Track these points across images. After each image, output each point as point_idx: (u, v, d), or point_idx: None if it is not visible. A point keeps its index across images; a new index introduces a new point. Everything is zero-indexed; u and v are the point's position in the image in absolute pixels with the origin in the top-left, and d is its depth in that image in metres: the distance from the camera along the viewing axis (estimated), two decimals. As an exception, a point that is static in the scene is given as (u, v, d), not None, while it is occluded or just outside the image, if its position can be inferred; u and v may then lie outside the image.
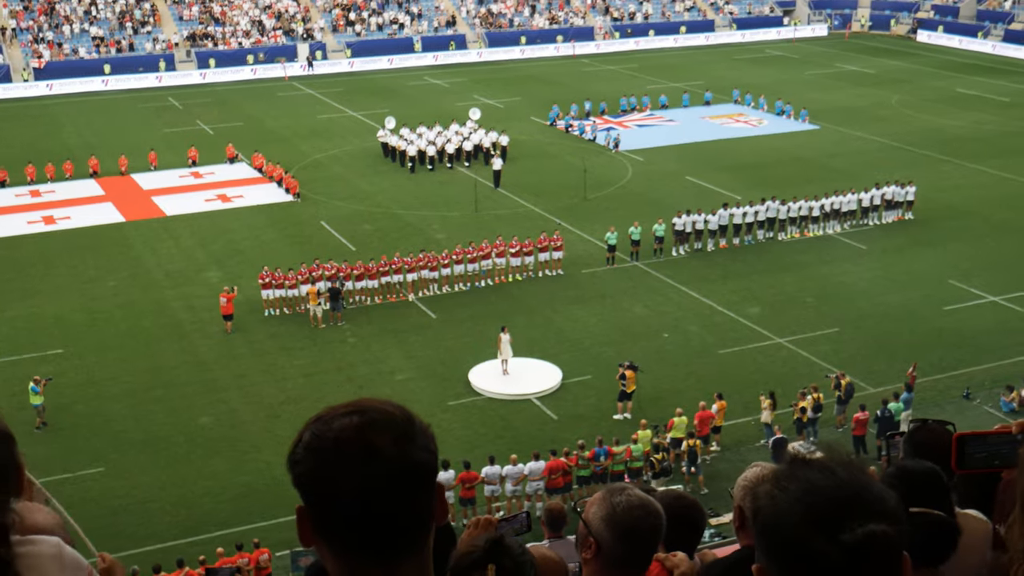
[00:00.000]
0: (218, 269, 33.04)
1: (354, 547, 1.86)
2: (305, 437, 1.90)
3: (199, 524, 20.42)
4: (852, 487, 1.78)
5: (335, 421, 1.88)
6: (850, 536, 1.72)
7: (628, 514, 3.26)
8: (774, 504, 1.80)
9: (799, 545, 1.74)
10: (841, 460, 1.84)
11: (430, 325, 28.99)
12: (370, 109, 53.61)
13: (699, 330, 28.59)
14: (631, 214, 35.31)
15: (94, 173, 43.30)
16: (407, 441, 1.88)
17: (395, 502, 1.85)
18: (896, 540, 1.75)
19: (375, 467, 1.83)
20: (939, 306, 29.75)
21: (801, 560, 1.75)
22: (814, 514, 1.75)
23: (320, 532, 1.88)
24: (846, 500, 1.76)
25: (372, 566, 1.87)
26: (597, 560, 3.30)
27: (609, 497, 3.33)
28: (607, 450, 21.53)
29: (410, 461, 1.86)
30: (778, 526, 1.78)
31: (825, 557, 1.72)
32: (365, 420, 1.87)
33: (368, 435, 1.85)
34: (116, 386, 25.83)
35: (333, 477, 1.83)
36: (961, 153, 44.69)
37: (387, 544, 1.86)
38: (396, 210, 38.62)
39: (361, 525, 1.84)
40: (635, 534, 3.26)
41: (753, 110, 53.12)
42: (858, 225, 36.16)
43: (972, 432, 2.72)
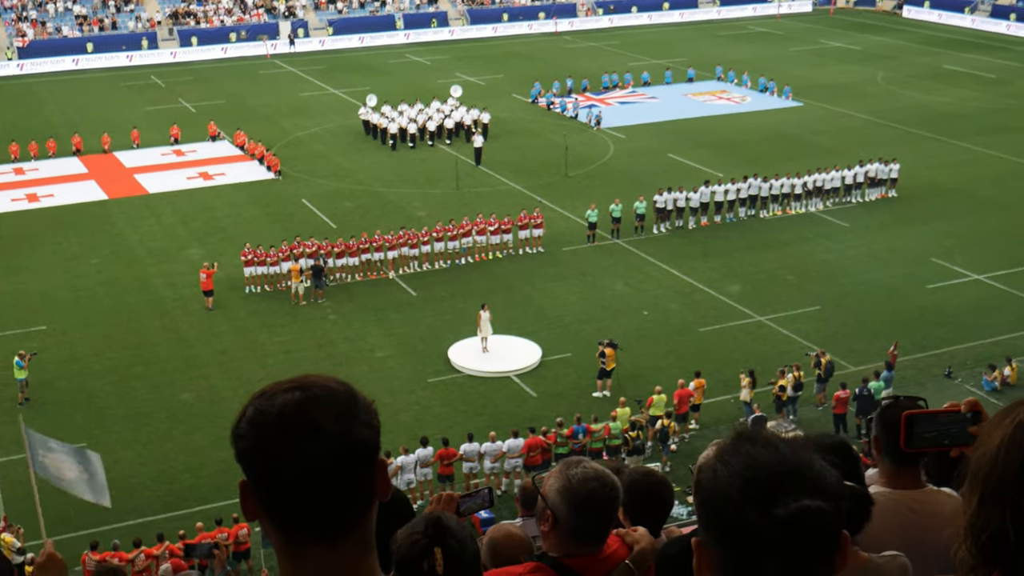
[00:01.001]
0: (200, 246, 32.93)
1: (296, 522, 1.87)
2: (248, 412, 1.91)
3: (179, 499, 20.50)
4: (792, 463, 1.78)
5: (278, 397, 1.89)
6: (784, 510, 1.72)
7: (583, 486, 3.29)
8: (715, 478, 1.81)
9: (735, 519, 1.75)
10: (786, 437, 1.85)
11: (410, 302, 29.00)
12: (351, 87, 53.28)
13: (679, 308, 28.69)
14: (612, 191, 35.32)
15: (77, 151, 43.02)
16: (349, 417, 1.88)
17: (337, 478, 1.85)
18: (831, 517, 1.75)
19: (316, 443, 1.83)
20: (922, 284, 29.81)
21: (736, 534, 1.76)
22: (752, 488, 1.76)
23: (263, 507, 1.90)
24: (784, 475, 1.76)
25: (314, 542, 1.88)
26: (555, 532, 3.34)
27: (565, 470, 3.37)
28: (586, 428, 21.64)
29: (352, 438, 1.87)
30: (716, 500, 1.79)
31: (759, 531, 1.73)
32: (307, 396, 1.88)
33: (310, 411, 1.86)
34: (99, 362, 25.84)
35: (275, 452, 1.84)
36: (946, 130, 44.74)
37: (329, 520, 1.87)
38: (377, 188, 38.50)
39: (302, 501, 1.85)
40: (590, 506, 3.29)
41: (736, 87, 53.02)
42: (841, 203, 36.18)
43: (921, 411, 2.74)
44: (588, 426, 21.68)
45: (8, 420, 23.18)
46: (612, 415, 22.12)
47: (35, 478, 13.13)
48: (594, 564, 3.34)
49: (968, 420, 2.63)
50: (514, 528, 4.69)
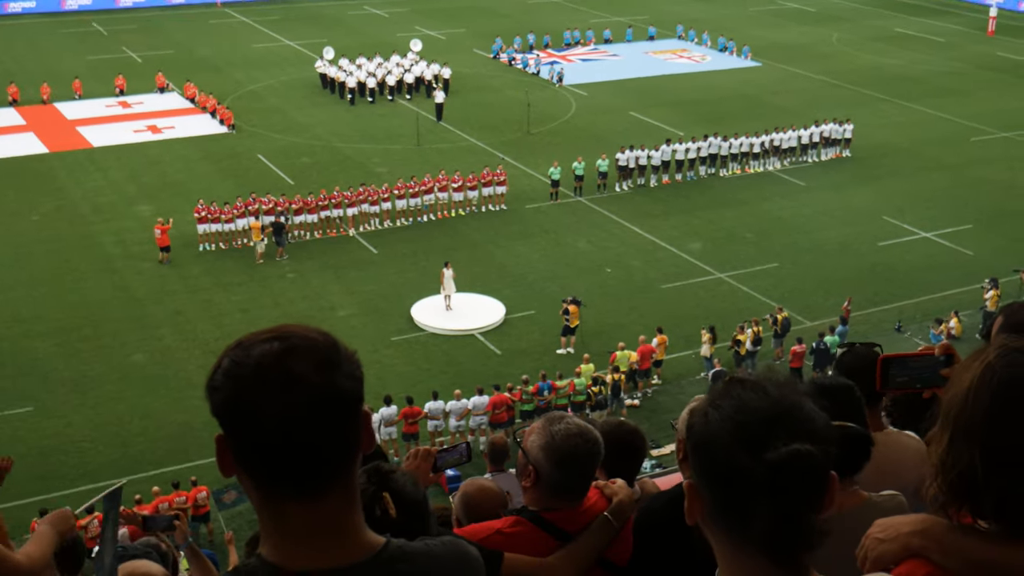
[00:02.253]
0: (150, 203, 31.99)
1: (275, 477, 1.79)
2: (224, 363, 1.81)
3: (134, 463, 20.01)
4: (782, 406, 1.79)
5: (255, 347, 1.80)
6: (774, 454, 1.73)
7: (566, 442, 3.29)
8: (706, 422, 1.81)
9: (726, 462, 1.77)
10: (776, 380, 1.83)
11: (372, 260, 28.55)
12: (308, 39, 51.95)
13: (641, 265, 28.69)
14: (574, 149, 35.04)
15: (14, 101, 41.35)
16: (331, 368, 1.80)
17: (317, 430, 1.77)
18: (820, 460, 1.76)
19: (296, 394, 1.75)
20: (874, 242, 30.32)
21: (727, 477, 1.77)
22: (742, 432, 1.76)
23: (240, 462, 1.81)
24: (775, 418, 1.77)
25: (295, 496, 1.80)
26: (537, 488, 3.36)
27: (548, 426, 3.36)
28: (550, 384, 21.63)
29: (333, 388, 1.79)
30: (708, 444, 1.80)
31: (749, 474, 1.74)
32: (287, 346, 1.79)
33: (289, 362, 1.77)
34: (43, 324, 25.00)
35: (253, 405, 1.76)
36: (898, 92, 45.20)
37: (310, 474, 1.79)
38: (336, 143, 37.72)
39: (282, 454, 1.76)
40: (572, 461, 3.30)
41: (696, 46, 52.84)
42: (798, 162, 36.47)
43: (895, 354, 2.79)
44: (553, 383, 21.66)
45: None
46: (576, 371, 22.13)
47: None
48: (574, 517, 3.38)
49: (941, 363, 2.71)
50: (487, 482, 4.63)
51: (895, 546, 2.06)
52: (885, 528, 2.11)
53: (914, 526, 2.07)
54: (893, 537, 2.07)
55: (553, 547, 3.33)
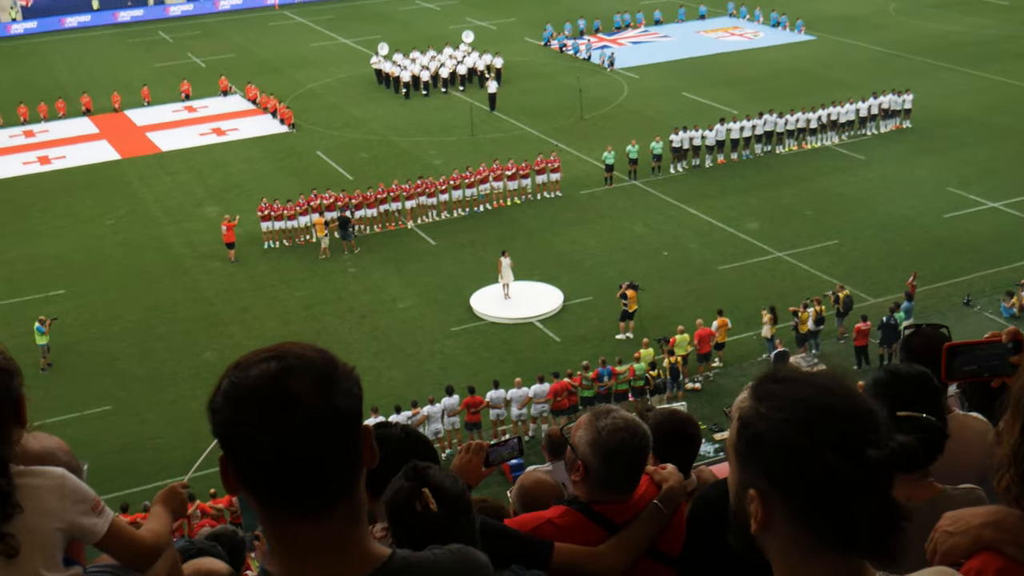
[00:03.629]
0: (216, 203, 32.96)
1: (278, 496, 1.81)
2: (223, 385, 1.83)
3: (208, 458, 20.73)
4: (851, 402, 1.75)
5: (252, 368, 1.82)
6: (880, 453, 1.68)
7: (613, 437, 3.29)
8: (773, 426, 1.74)
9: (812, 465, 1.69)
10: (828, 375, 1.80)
11: (430, 251, 29.03)
12: (362, 36, 52.69)
13: (699, 247, 28.61)
14: (628, 133, 34.98)
15: (87, 111, 42.83)
16: (328, 386, 1.80)
17: (316, 449, 1.78)
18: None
19: (293, 415, 1.76)
20: (939, 214, 29.67)
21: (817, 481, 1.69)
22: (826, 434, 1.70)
23: (243, 481, 1.83)
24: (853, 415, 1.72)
25: (300, 514, 1.82)
26: (586, 482, 3.37)
27: (594, 421, 3.36)
28: (611, 370, 21.75)
29: (331, 407, 1.80)
30: (783, 448, 1.72)
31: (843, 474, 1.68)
32: (283, 366, 1.81)
33: (286, 382, 1.78)
34: (119, 324, 26.02)
35: (250, 426, 1.77)
36: (960, 59, 43.94)
37: (312, 492, 1.80)
38: (392, 137, 38.30)
39: (282, 474, 1.78)
40: (620, 456, 3.30)
41: (748, 23, 52.11)
42: (856, 135, 35.82)
43: (961, 342, 2.70)
44: (613, 368, 21.80)
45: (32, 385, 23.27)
46: (636, 356, 22.21)
47: None
48: (624, 509, 3.38)
49: (1009, 350, 2.60)
50: (543, 475, 4.75)
51: (966, 539, 1.97)
52: (955, 520, 2.02)
53: (986, 518, 1.98)
54: (964, 530, 1.98)
55: (602, 537, 3.33)
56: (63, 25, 59.46)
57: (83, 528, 2.66)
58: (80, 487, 2.66)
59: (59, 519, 2.57)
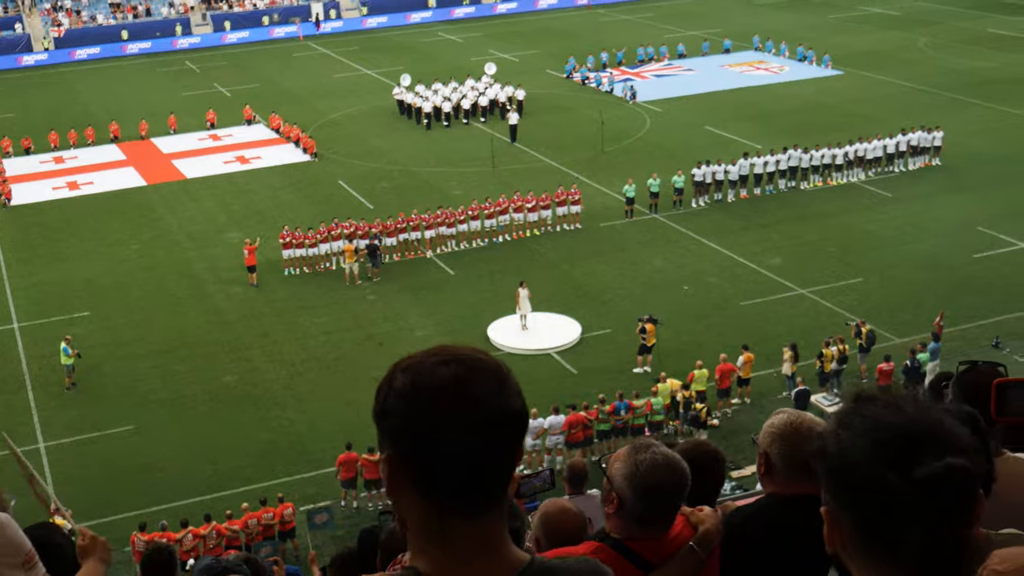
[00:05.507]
0: (239, 230, 33.18)
1: (450, 496, 1.83)
2: (397, 386, 1.84)
3: (225, 480, 20.75)
4: (923, 421, 1.71)
5: (431, 370, 1.83)
6: (924, 471, 1.64)
7: (651, 473, 3.24)
8: (839, 443, 1.73)
9: (869, 484, 1.68)
10: (908, 396, 1.77)
11: (448, 281, 29.01)
12: (385, 67, 53.23)
13: (719, 282, 28.39)
14: (649, 166, 34.96)
15: (115, 138, 43.49)
16: (504, 389, 1.85)
17: (495, 449, 1.83)
18: (973, 473, 1.68)
19: (480, 417, 1.80)
20: (968, 253, 29.22)
21: (873, 500, 1.68)
22: (884, 450, 1.68)
23: (414, 482, 1.83)
24: (917, 434, 1.69)
25: (463, 515, 1.85)
26: (619, 516, 3.30)
27: (634, 455, 3.31)
28: (627, 404, 21.52)
29: (510, 408, 1.84)
30: (846, 466, 1.72)
31: (898, 494, 1.65)
32: (463, 369, 1.83)
33: (468, 384, 1.81)
34: (142, 346, 26.18)
35: (438, 428, 1.79)
36: (990, 96, 43.64)
37: (483, 491, 1.85)
38: (413, 167, 38.49)
39: (461, 474, 1.81)
40: (657, 493, 3.24)
41: (774, 57, 52.13)
42: (883, 172, 35.55)
43: (1014, 379, 2.68)
44: (630, 402, 21.57)
45: (57, 405, 23.63)
46: (652, 390, 21.98)
47: None
48: (658, 547, 3.30)
49: None
50: (568, 504, 4.61)
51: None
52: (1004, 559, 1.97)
53: None
54: (1015, 569, 1.93)
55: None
56: (93, 55, 60.51)
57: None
58: (17, 537, 2.49)
59: None
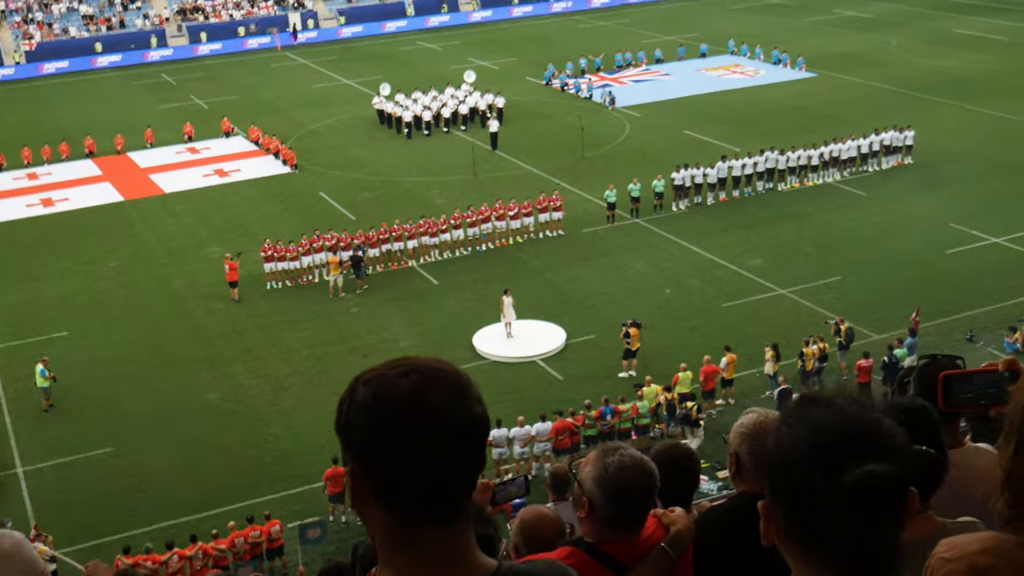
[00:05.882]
0: (219, 244, 33.02)
1: (414, 507, 1.83)
2: (359, 399, 1.84)
3: (210, 499, 20.62)
4: (857, 424, 1.75)
5: (390, 382, 1.84)
6: (849, 476, 1.70)
7: (619, 475, 3.29)
8: (779, 442, 1.79)
9: (802, 484, 1.74)
10: (849, 397, 1.81)
11: (432, 291, 29.02)
12: (364, 76, 53.20)
13: (701, 284, 28.58)
14: (630, 171, 35.14)
15: (90, 153, 43.05)
16: (464, 397, 1.85)
17: (459, 457, 1.83)
18: (898, 479, 1.73)
19: (437, 427, 1.80)
20: (941, 250, 29.66)
21: (804, 498, 1.74)
22: (818, 452, 1.73)
23: (377, 495, 1.85)
24: (850, 437, 1.73)
25: (430, 524, 1.86)
26: (591, 519, 3.35)
27: (602, 458, 3.36)
28: (613, 409, 21.64)
29: (470, 416, 1.84)
30: (783, 464, 1.78)
31: (826, 496, 1.71)
32: (423, 379, 1.83)
33: (428, 394, 1.82)
34: (122, 366, 25.94)
35: (395, 439, 1.80)
36: (960, 95, 44.22)
37: (446, 501, 1.85)
38: (394, 177, 38.48)
39: (424, 485, 1.81)
40: (626, 495, 3.29)
41: (749, 60, 52.54)
42: (858, 172, 35.95)
43: (958, 371, 2.73)
44: (616, 407, 21.68)
45: (35, 428, 23.36)
46: (638, 394, 22.09)
47: None
48: (631, 549, 3.34)
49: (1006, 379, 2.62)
50: (546, 509, 4.66)
51: (962, 565, 1.97)
52: (951, 547, 2.02)
53: (981, 544, 1.99)
54: (959, 556, 1.99)
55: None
56: (66, 68, 59.99)
57: None
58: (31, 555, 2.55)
59: None
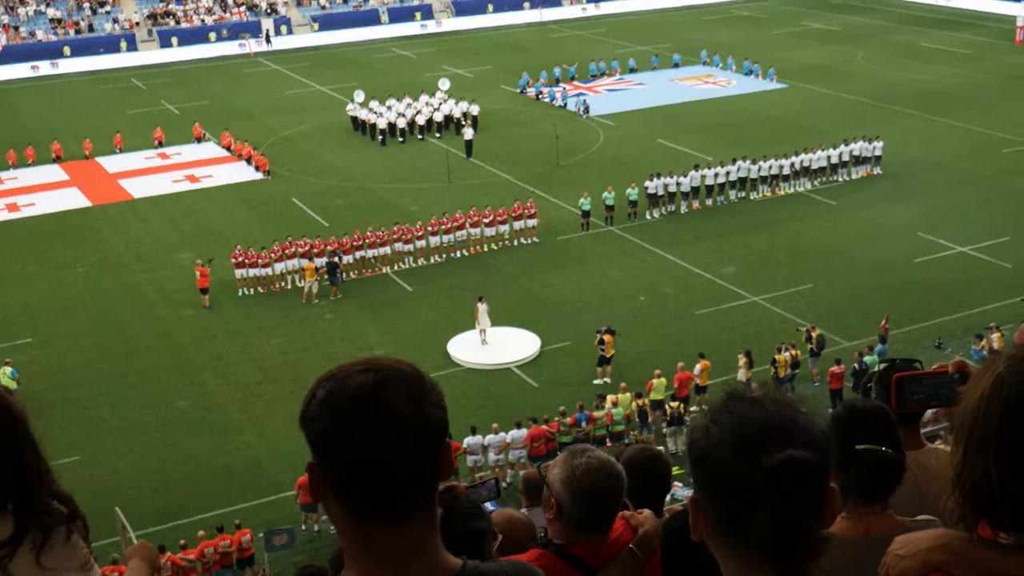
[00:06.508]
0: (190, 250, 32.67)
1: (368, 502, 1.88)
2: (319, 394, 1.90)
3: (180, 508, 20.33)
4: (780, 418, 1.85)
5: (350, 379, 1.89)
6: (770, 460, 1.78)
7: (587, 476, 3.32)
8: (707, 436, 1.87)
9: (727, 473, 1.82)
10: (773, 395, 1.90)
11: (407, 298, 28.90)
12: (338, 83, 53.01)
13: (675, 292, 28.71)
14: (604, 179, 35.28)
15: (57, 158, 42.48)
16: (421, 398, 1.90)
17: (410, 458, 1.87)
18: (816, 465, 1.81)
19: (392, 424, 1.85)
20: (909, 258, 30.05)
21: (728, 487, 1.82)
22: (741, 442, 1.82)
23: (333, 488, 1.90)
24: (771, 428, 1.83)
25: (385, 522, 1.89)
26: (559, 521, 3.38)
27: (570, 459, 3.40)
28: (588, 415, 21.64)
29: (424, 417, 1.88)
30: (709, 456, 1.85)
31: (749, 482, 1.79)
32: (380, 378, 1.88)
33: (383, 392, 1.87)
34: (89, 373, 25.59)
35: (349, 434, 1.85)
36: (927, 107, 44.91)
37: (401, 500, 1.89)
38: (368, 184, 38.34)
39: (376, 481, 1.86)
40: (593, 496, 3.32)
41: (721, 71, 53.01)
42: (828, 182, 36.34)
43: (910, 373, 2.83)
44: (591, 413, 21.69)
45: None
46: (612, 401, 22.12)
47: None
48: (599, 551, 3.36)
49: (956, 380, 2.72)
50: (517, 513, 4.65)
51: (916, 562, 2.03)
52: (905, 544, 2.08)
53: (934, 541, 2.04)
54: (913, 553, 2.04)
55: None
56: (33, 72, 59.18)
57: None
58: (77, 541, 2.54)
59: (49, 572, 2.46)
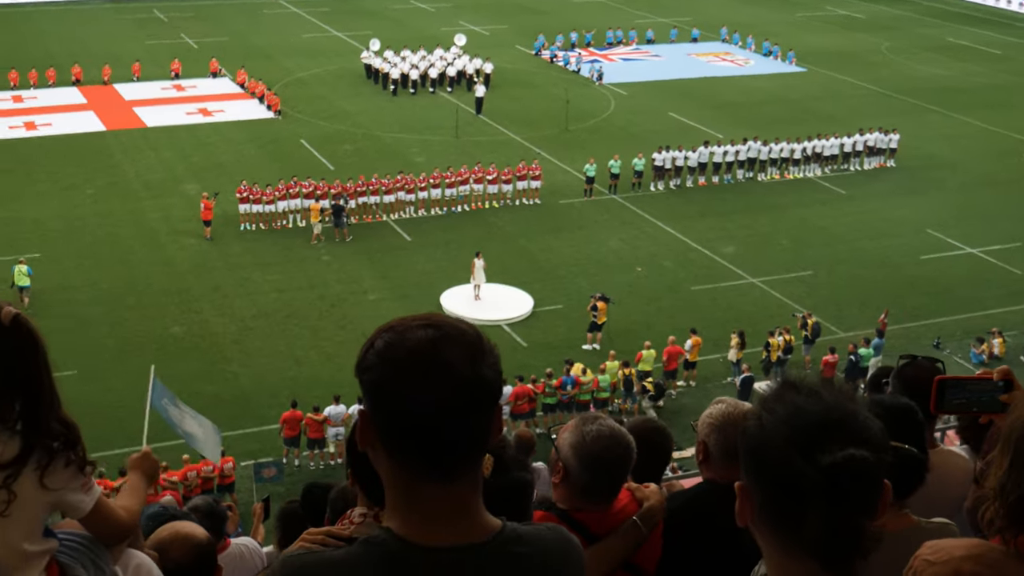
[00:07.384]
0: (196, 182, 32.77)
1: (416, 458, 1.88)
2: (378, 344, 1.90)
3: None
4: (838, 412, 1.82)
5: (409, 332, 1.89)
6: (829, 458, 1.75)
7: (596, 443, 3.32)
8: (760, 426, 1.85)
9: (780, 466, 1.79)
10: (830, 386, 1.88)
11: (405, 247, 29.04)
12: (355, 30, 52.69)
13: (673, 266, 28.80)
14: (611, 147, 35.19)
15: (77, 81, 42.58)
16: (479, 358, 1.89)
17: (463, 417, 1.86)
18: (875, 465, 1.78)
19: (447, 381, 1.84)
20: (916, 255, 29.80)
21: (781, 481, 1.80)
22: (797, 436, 1.79)
23: (383, 440, 1.90)
24: (830, 424, 1.80)
25: (431, 478, 1.90)
26: (565, 485, 3.39)
27: (581, 425, 3.41)
28: (574, 379, 21.80)
29: (479, 378, 1.88)
30: (762, 447, 1.83)
31: (804, 478, 1.76)
32: (440, 334, 1.88)
33: (442, 349, 1.86)
34: (91, 292, 25.88)
35: (406, 387, 1.84)
36: (949, 103, 44.50)
37: (449, 457, 1.89)
38: (376, 131, 38.30)
39: (428, 437, 1.85)
40: (601, 464, 3.32)
41: (740, 49, 52.63)
42: (839, 170, 36.19)
43: (953, 377, 2.80)
44: (577, 377, 21.84)
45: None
46: (601, 368, 22.30)
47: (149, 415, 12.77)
48: (603, 519, 3.38)
49: (1000, 388, 2.70)
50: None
51: (947, 569, 1.99)
52: (936, 551, 2.04)
53: (968, 550, 2.01)
54: (945, 560, 2.00)
55: None
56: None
57: (70, 504, 2.60)
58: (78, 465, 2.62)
59: (51, 493, 2.50)
